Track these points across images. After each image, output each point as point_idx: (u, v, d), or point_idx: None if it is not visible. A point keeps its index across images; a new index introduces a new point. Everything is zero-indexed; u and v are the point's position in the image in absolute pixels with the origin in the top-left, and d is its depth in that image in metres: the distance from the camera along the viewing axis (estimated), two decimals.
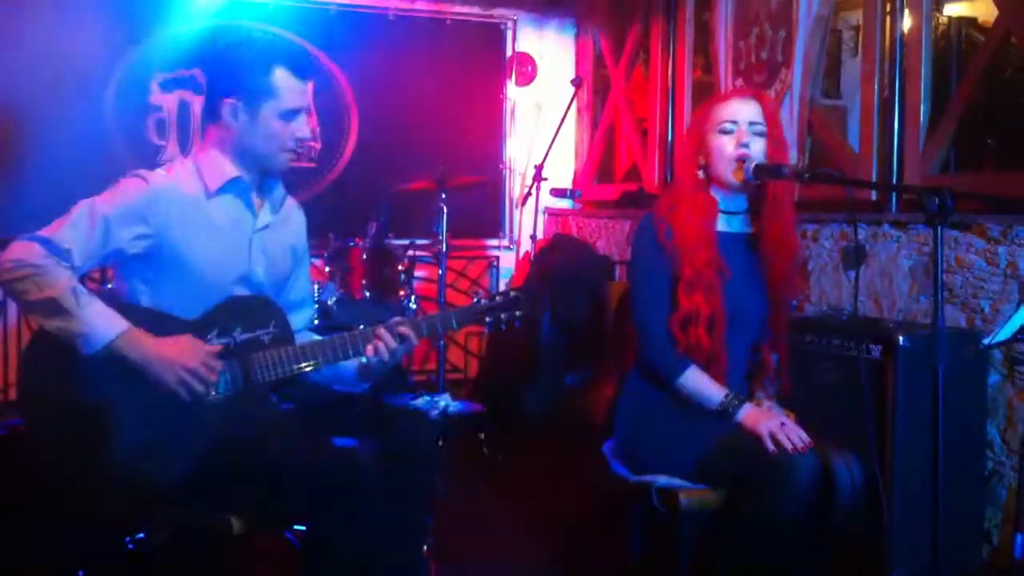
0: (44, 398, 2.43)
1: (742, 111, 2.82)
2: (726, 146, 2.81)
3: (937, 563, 2.30)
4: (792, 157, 4.42)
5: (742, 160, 2.78)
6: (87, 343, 2.36)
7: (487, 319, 2.77)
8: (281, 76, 2.60)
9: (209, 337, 2.52)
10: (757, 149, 2.80)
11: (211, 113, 2.65)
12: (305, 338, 2.79)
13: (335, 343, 2.62)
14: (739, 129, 2.81)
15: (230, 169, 2.63)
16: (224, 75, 2.63)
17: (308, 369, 2.60)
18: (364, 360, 2.66)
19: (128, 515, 2.51)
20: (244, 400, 2.52)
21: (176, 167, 2.64)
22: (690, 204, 2.83)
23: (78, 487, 2.44)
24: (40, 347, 2.43)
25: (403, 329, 2.63)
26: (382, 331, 2.62)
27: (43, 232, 2.42)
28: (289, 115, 2.61)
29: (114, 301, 2.57)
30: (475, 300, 2.81)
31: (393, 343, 2.62)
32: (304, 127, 2.66)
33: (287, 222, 2.82)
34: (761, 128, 2.82)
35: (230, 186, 2.64)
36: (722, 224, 2.88)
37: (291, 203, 2.86)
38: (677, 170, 2.94)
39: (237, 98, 2.59)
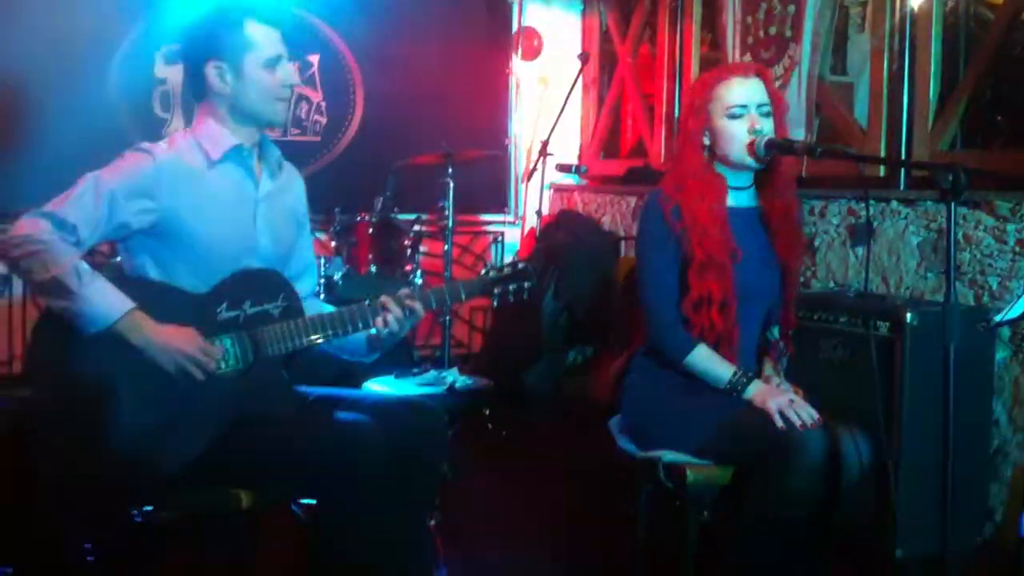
0: (54, 372, 2.43)
1: (750, 93, 2.80)
2: (737, 131, 2.78)
3: (945, 540, 2.31)
4: (800, 133, 4.42)
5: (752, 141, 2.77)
6: (89, 323, 2.36)
7: (495, 291, 2.76)
8: (254, 27, 2.60)
9: (219, 310, 2.52)
10: (768, 130, 2.79)
11: (198, 84, 2.65)
12: (312, 305, 2.80)
13: (344, 315, 2.62)
14: (750, 114, 2.78)
15: (230, 137, 2.63)
16: (200, 42, 2.63)
17: (318, 342, 2.61)
18: (373, 331, 2.66)
19: (136, 488, 2.52)
20: (255, 373, 2.52)
21: (177, 140, 2.64)
22: (699, 184, 2.81)
23: (86, 461, 2.44)
24: (51, 321, 2.42)
25: (411, 301, 2.64)
26: (390, 302, 2.62)
27: (48, 207, 2.42)
28: (272, 63, 2.61)
29: (121, 275, 2.57)
30: (483, 271, 2.81)
31: (401, 314, 2.62)
32: (290, 73, 2.66)
33: (287, 189, 2.81)
34: (768, 108, 2.81)
35: (232, 154, 2.63)
36: (730, 200, 2.87)
37: (289, 168, 2.85)
38: (681, 150, 2.89)
39: (219, 59, 2.59)
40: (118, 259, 2.67)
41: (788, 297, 2.93)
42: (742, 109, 2.78)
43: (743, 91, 2.80)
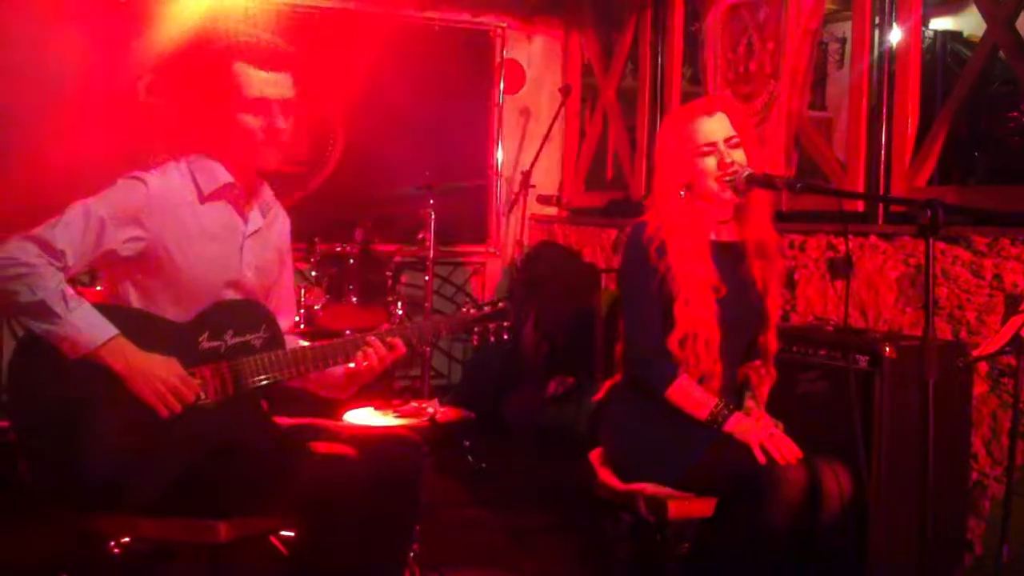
0: (32, 401, 2.41)
1: (716, 130, 2.85)
2: (711, 168, 2.84)
3: (924, 573, 2.32)
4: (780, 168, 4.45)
5: (731, 176, 2.81)
6: (73, 347, 2.35)
7: (475, 329, 2.78)
8: (241, 69, 2.56)
9: (200, 340, 2.51)
10: (741, 161, 2.83)
11: (191, 118, 2.64)
12: (290, 342, 2.78)
13: (325, 349, 2.62)
14: (719, 150, 2.83)
15: (223, 175, 2.62)
16: (189, 80, 2.63)
17: (298, 375, 2.60)
18: (352, 366, 2.66)
19: (114, 519, 2.50)
20: (234, 404, 2.51)
21: (170, 170, 2.62)
22: (682, 223, 2.84)
23: (65, 491, 2.42)
24: (29, 349, 2.41)
25: (393, 339, 2.64)
26: (372, 339, 2.62)
27: (37, 231, 2.41)
28: (256, 107, 2.57)
29: (105, 303, 2.56)
30: (464, 309, 2.82)
31: (383, 351, 2.62)
32: (276, 117, 2.59)
33: (274, 226, 2.81)
34: (736, 140, 2.85)
35: (223, 192, 2.63)
36: (712, 234, 2.90)
37: (277, 207, 2.84)
38: (661, 192, 2.92)
39: (205, 100, 2.59)
40: (98, 288, 2.66)
41: (770, 324, 2.95)
42: (711, 147, 2.82)
43: (709, 128, 2.85)
